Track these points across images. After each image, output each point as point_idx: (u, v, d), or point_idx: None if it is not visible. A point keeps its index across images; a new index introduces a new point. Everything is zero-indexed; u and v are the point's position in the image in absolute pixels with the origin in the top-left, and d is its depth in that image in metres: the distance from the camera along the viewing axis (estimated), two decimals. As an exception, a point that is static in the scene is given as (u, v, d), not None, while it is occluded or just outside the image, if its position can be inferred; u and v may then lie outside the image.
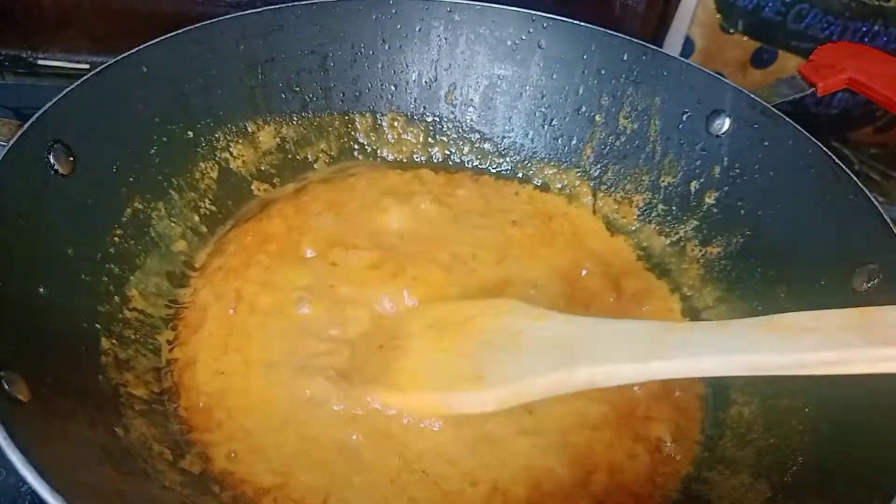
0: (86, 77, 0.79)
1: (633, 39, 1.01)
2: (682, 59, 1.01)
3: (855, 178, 0.79)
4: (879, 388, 0.67)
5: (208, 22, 0.93)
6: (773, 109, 0.89)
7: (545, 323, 0.71)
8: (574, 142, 1.07)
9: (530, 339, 0.70)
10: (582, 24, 1.02)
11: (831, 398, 0.72)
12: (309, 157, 1.06)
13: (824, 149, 0.83)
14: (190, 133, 0.94)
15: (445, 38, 1.07)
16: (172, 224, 0.90)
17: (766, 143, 0.90)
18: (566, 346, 0.67)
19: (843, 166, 0.80)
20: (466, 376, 0.69)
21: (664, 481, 0.74)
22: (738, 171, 0.93)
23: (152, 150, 0.89)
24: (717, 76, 0.96)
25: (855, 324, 0.56)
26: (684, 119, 0.98)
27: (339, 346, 0.79)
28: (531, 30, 1.05)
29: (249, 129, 1.01)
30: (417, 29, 1.06)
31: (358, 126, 1.09)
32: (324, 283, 0.85)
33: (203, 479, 0.69)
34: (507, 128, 1.11)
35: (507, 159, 1.10)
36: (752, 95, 0.91)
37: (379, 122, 1.09)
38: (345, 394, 0.73)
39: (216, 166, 0.97)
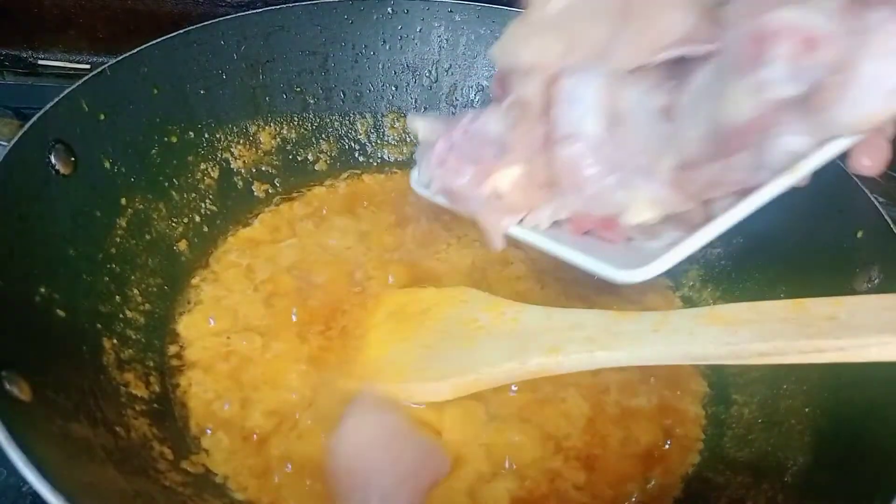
0: (86, 77, 0.80)
1: (634, 40, 1.00)
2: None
3: (855, 178, 0.79)
4: (879, 388, 0.67)
5: (209, 22, 0.93)
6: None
7: (500, 311, 0.74)
8: (574, 142, 1.07)
9: (486, 329, 0.72)
10: (582, 24, 1.02)
11: (831, 399, 0.72)
12: (309, 157, 1.06)
13: (824, 149, 0.83)
14: (191, 133, 0.94)
15: (446, 39, 1.07)
16: (173, 224, 0.90)
17: (766, 144, 0.90)
18: (519, 336, 0.69)
19: (844, 166, 0.80)
20: (424, 367, 0.72)
21: (665, 481, 0.74)
22: (738, 171, 0.93)
23: (153, 151, 0.89)
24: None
25: (790, 315, 0.58)
26: (684, 119, 0.98)
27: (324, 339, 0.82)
28: (532, 30, 1.05)
29: (250, 130, 1.01)
30: (418, 29, 1.06)
31: (358, 127, 1.09)
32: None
33: (204, 479, 0.69)
34: (507, 128, 1.11)
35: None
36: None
37: (379, 122, 1.09)
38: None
39: (217, 166, 0.97)
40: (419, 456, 0.68)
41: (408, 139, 1.10)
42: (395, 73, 1.08)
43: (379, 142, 1.10)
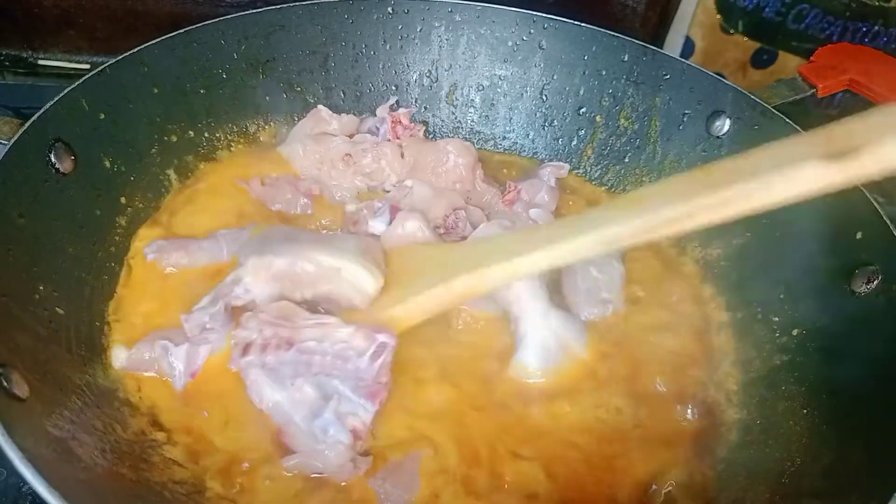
0: (86, 77, 0.80)
1: (634, 40, 1.01)
2: (682, 59, 1.01)
3: (855, 178, 0.79)
4: (878, 389, 0.67)
5: (209, 22, 0.93)
6: (774, 110, 0.89)
7: (439, 249, 0.82)
8: (575, 143, 1.07)
9: (427, 264, 0.78)
10: (583, 24, 1.02)
11: (830, 399, 0.72)
12: (309, 157, 1.06)
13: (824, 150, 0.83)
14: (191, 133, 0.94)
15: (446, 39, 1.07)
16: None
17: (766, 145, 0.89)
18: (450, 264, 0.75)
19: (843, 167, 0.80)
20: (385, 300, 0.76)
21: (665, 482, 0.74)
22: (738, 171, 0.93)
23: (153, 150, 0.89)
24: (718, 77, 0.96)
25: (697, 177, 0.61)
26: (685, 120, 0.98)
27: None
28: (532, 30, 1.05)
29: (250, 129, 1.01)
30: (418, 29, 1.06)
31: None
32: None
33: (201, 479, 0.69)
34: (507, 128, 1.11)
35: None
36: (753, 97, 0.91)
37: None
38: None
39: (217, 166, 0.97)
40: None
41: (408, 139, 1.10)
42: (396, 72, 1.08)
43: (379, 141, 1.10)
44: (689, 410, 0.78)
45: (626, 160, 1.04)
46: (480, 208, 0.93)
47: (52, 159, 0.74)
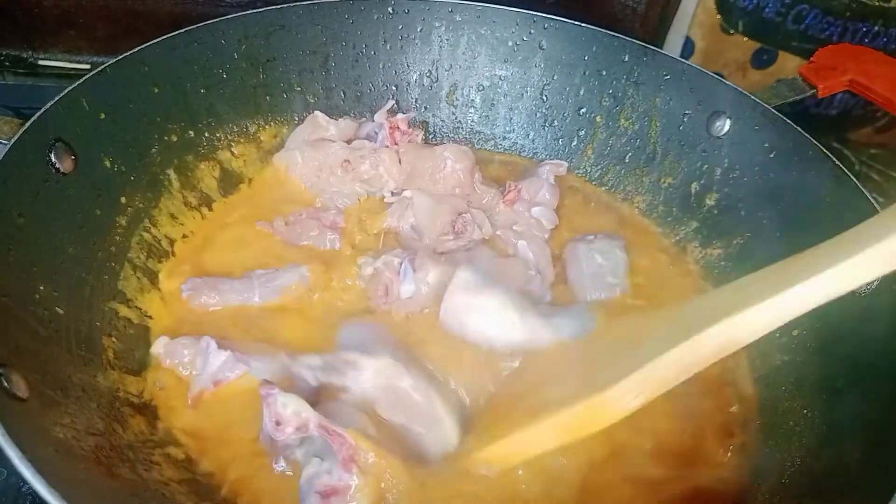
0: (86, 77, 0.80)
1: (634, 40, 1.01)
2: (682, 60, 1.01)
3: (855, 178, 0.79)
4: (877, 389, 0.67)
5: (210, 21, 0.93)
6: (774, 111, 0.90)
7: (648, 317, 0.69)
8: (575, 143, 1.07)
9: (645, 334, 0.65)
10: (583, 25, 1.02)
11: (830, 399, 0.72)
12: (309, 157, 1.06)
13: (824, 150, 0.83)
14: (191, 132, 0.94)
15: (447, 39, 1.07)
16: (174, 223, 0.90)
17: (766, 145, 0.90)
18: (683, 322, 0.61)
19: (843, 167, 0.80)
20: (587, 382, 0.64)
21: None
22: (738, 172, 0.93)
23: (153, 150, 0.89)
24: (718, 78, 0.96)
25: None
26: (685, 120, 0.98)
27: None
28: (532, 31, 1.05)
29: (250, 129, 1.01)
30: (419, 29, 1.06)
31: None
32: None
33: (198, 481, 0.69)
34: (507, 128, 1.11)
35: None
36: (753, 97, 0.91)
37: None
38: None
39: (217, 166, 0.97)
40: None
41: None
42: (396, 72, 1.08)
43: (379, 142, 1.10)
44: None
45: (627, 160, 1.04)
46: (482, 210, 0.93)
47: (52, 159, 0.74)
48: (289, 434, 0.64)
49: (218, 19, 0.94)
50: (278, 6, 0.98)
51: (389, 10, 1.04)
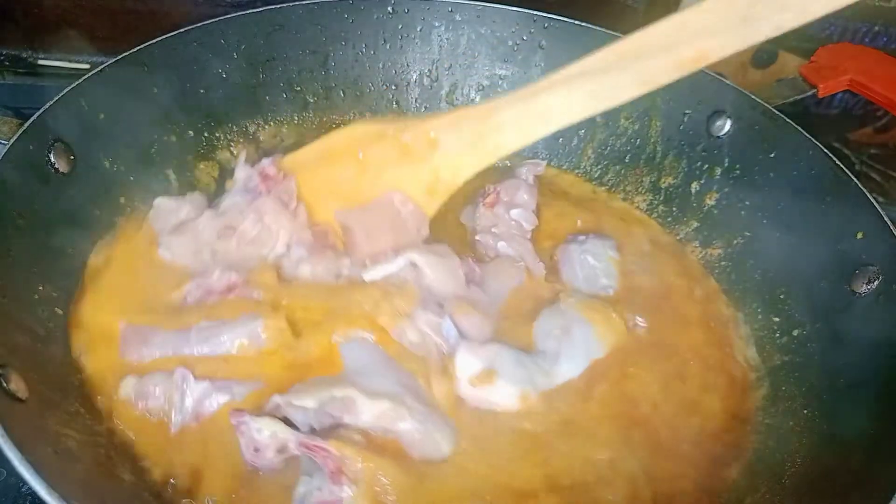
0: (86, 77, 0.80)
1: (634, 40, 1.00)
2: (682, 59, 1.00)
3: (855, 178, 0.79)
4: (877, 389, 0.67)
5: (209, 21, 0.93)
6: (774, 111, 0.89)
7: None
8: (575, 142, 1.07)
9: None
10: (583, 24, 1.02)
11: (830, 399, 0.72)
12: (309, 156, 1.06)
13: (824, 149, 0.83)
14: (190, 132, 0.94)
15: (447, 39, 1.07)
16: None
17: (766, 145, 0.89)
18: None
19: (843, 167, 0.80)
20: None
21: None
22: (738, 172, 0.93)
23: (153, 150, 0.89)
24: (719, 77, 0.96)
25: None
26: (685, 120, 0.98)
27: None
28: (532, 30, 1.05)
29: (250, 129, 1.01)
30: (419, 29, 1.06)
31: (358, 126, 1.08)
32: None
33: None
34: (507, 128, 1.11)
35: (508, 160, 1.10)
36: (753, 97, 0.91)
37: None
38: None
39: (216, 166, 0.97)
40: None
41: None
42: (396, 72, 1.08)
43: (379, 141, 1.10)
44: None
45: (627, 160, 1.04)
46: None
47: (52, 159, 0.74)
48: (270, 458, 0.62)
49: (217, 19, 0.94)
50: (278, 6, 0.98)
51: (389, 9, 1.04)
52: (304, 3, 1.00)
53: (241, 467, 0.65)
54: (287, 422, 0.64)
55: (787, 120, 0.88)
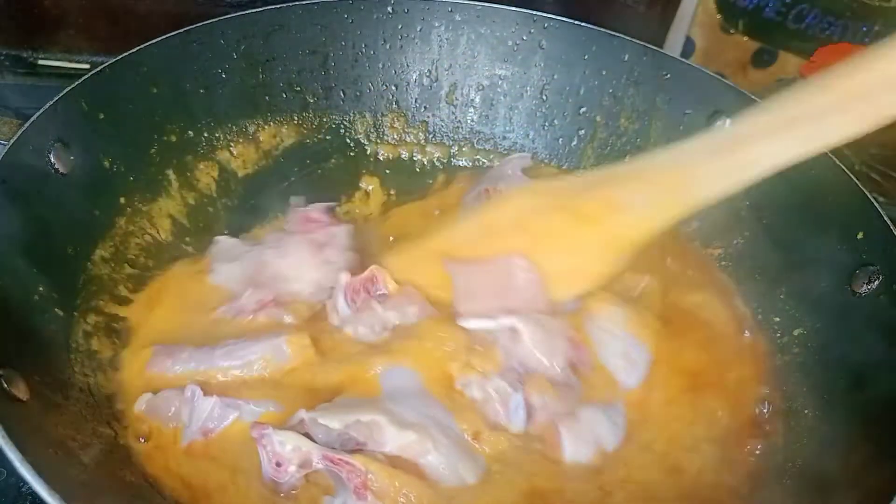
0: (86, 77, 0.80)
1: (634, 40, 1.01)
2: (682, 59, 1.01)
3: (855, 178, 0.79)
4: (877, 389, 0.67)
5: (209, 21, 0.93)
6: (774, 110, 0.89)
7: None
8: (575, 142, 1.07)
9: None
10: (583, 24, 1.02)
11: (830, 399, 0.72)
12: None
13: (824, 149, 0.83)
14: (190, 132, 0.94)
15: (446, 39, 1.07)
16: (173, 224, 0.90)
17: (766, 144, 0.89)
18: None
19: (843, 166, 0.80)
20: None
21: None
22: (738, 171, 0.93)
23: (152, 150, 0.89)
24: (719, 77, 0.96)
25: None
26: (685, 120, 0.98)
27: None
28: (532, 30, 1.05)
29: (250, 129, 1.01)
30: (418, 29, 1.06)
31: (358, 126, 1.08)
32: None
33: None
34: (507, 128, 1.11)
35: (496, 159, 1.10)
36: (753, 97, 0.91)
37: (379, 122, 1.09)
38: None
39: (216, 166, 0.97)
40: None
41: (407, 139, 1.10)
42: (396, 72, 1.08)
43: (378, 141, 1.10)
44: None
45: (627, 160, 1.04)
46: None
47: (52, 159, 0.74)
48: (292, 473, 0.60)
49: (217, 19, 0.94)
50: (278, 6, 0.98)
51: (389, 9, 1.04)
52: (304, 3, 0.99)
53: (250, 484, 0.64)
54: (308, 438, 0.62)
55: (788, 120, 0.87)
